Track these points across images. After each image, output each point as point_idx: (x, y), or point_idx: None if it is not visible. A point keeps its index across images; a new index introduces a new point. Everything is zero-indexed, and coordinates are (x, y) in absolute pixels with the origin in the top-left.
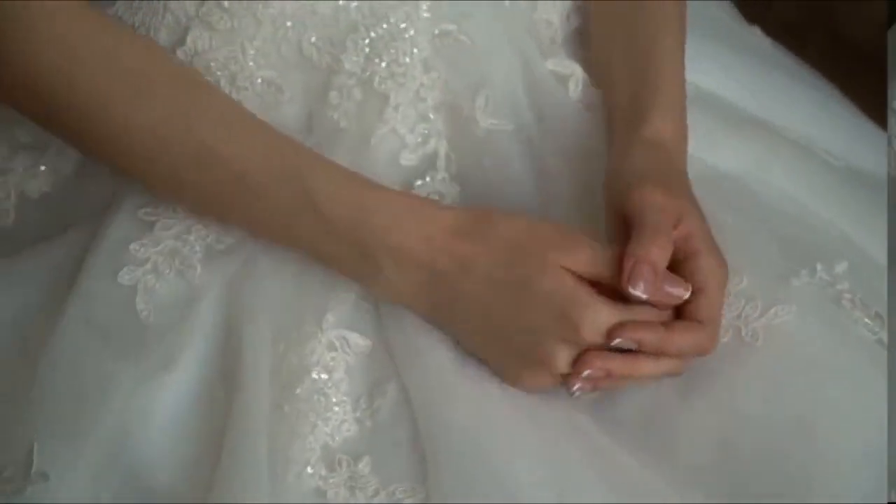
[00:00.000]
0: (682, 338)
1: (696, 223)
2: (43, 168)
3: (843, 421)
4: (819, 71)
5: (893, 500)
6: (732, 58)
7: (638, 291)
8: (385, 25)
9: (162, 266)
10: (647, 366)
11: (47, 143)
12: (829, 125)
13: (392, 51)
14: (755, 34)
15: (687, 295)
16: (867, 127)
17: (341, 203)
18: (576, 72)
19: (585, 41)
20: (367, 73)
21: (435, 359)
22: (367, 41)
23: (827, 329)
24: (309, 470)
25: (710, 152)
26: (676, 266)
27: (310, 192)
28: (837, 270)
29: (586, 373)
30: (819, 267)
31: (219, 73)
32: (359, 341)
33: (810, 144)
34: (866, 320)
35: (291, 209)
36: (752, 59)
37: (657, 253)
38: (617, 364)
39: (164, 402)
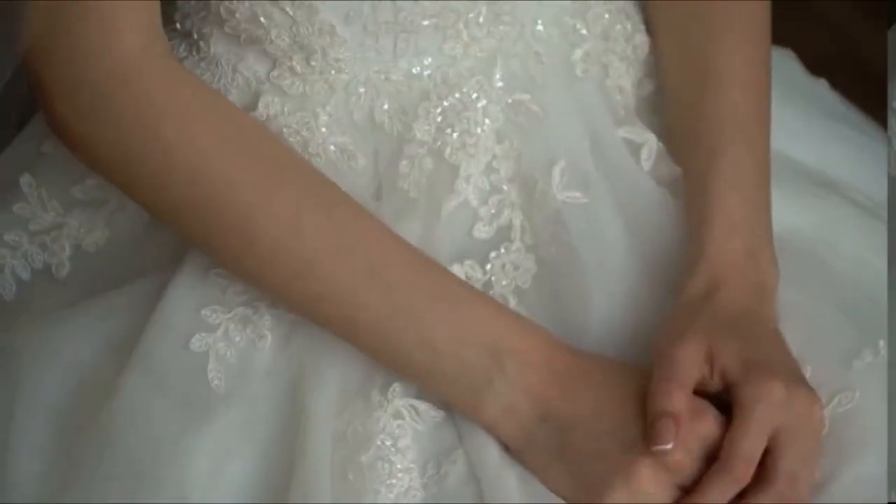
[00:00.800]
0: (706, 492)
1: (732, 357)
2: (102, 223)
3: None
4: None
5: (893, 501)
6: (802, 115)
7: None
8: (457, 95)
9: (233, 333)
10: None
11: (105, 200)
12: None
13: (464, 121)
14: (821, 86)
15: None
16: None
17: (476, 303)
18: (649, 141)
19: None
20: (439, 144)
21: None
22: (439, 110)
23: (890, 409)
24: None
25: (779, 221)
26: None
27: (447, 288)
28: None
29: None
30: (881, 344)
31: (291, 139)
32: (430, 411)
33: (877, 204)
34: None
35: (426, 307)
36: (821, 115)
37: (663, 402)
38: None
39: (230, 469)
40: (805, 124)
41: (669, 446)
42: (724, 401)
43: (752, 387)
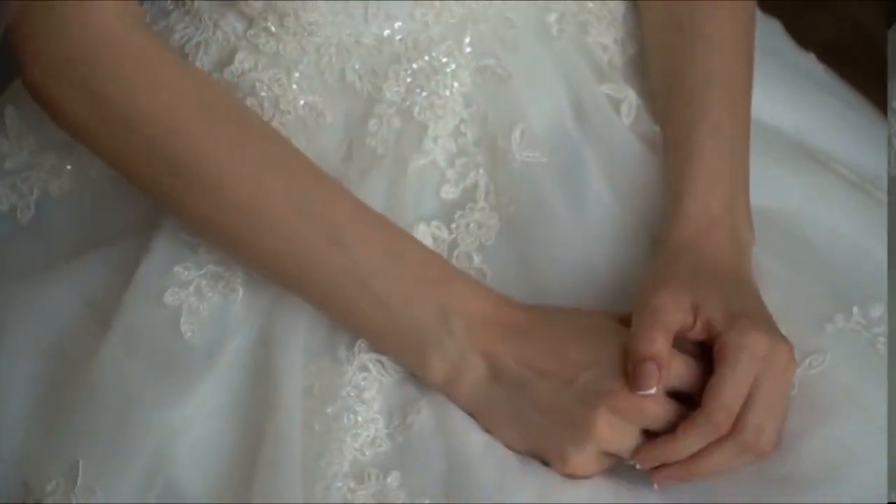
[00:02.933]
0: (687, 439)
1: (716, 307)
2: (69, 167)
3: (871, 467)
4: (861, 92)
5: (893, 501)
6: (789, 87)
7: (647, 390)
8: (427, 58)
9: (205, 289)
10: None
11: (74, 145)
12: (878, 152)
13: (433, 83)
14: (809, 59)
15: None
16: None
17: (429, 264)
18: (628, 96)
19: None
20: (407, 103)
21: None
22: (408, 72)
23: (859, 375)
24: (338, 483)
25: (761, 191)
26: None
27: (401, 249)
28: (874, 314)
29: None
30: (855, 310)
31: (263, 94)
32: (396, 365)
33: (862, 178)
34: None
35: (380, 266)
36: (809, 86)
37: (646, 346)
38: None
39: (201, 419)
40: (790, 94)
41: (653, 391)
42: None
43: (737, 336)
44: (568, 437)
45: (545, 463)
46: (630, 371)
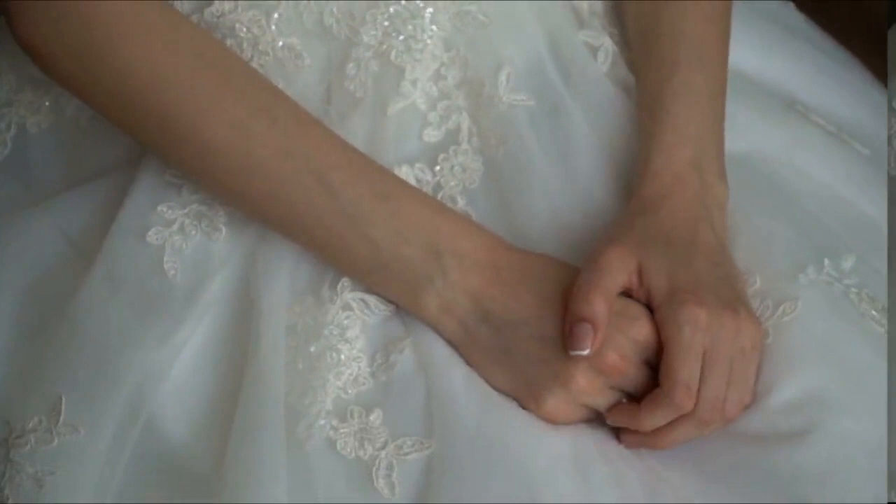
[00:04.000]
0: (651, 415)
1: (660, 275)
2: (47, 104)
3: (845, 415)
4: (843, 44)
5: (893, 501)
6: (767, 35)
7: (580, 351)
8: (403, 2)
9: (189, 228)
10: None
11: (52, 83)
12: (858, 105)
13: (410, 27)
14: (788, 9)
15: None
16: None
17: (418, 202)
18: (605, 43)
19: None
20: (384, 46)
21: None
22: (385, 16)
23: (831, 324)
24: (321, 422)
25: (739, 138)
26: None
27: (389, 188)
28: (845, 266)
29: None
30: (826, 262)
31: (242, 34)
32: (379, 304)
33: (840, 130)
34: (873, 312)
35: (369, 207)
36: (786, 35)
37: (583, 307)
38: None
39: (183, 357)
40: (769, 44)
41: (587, 351)
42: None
43: (675, 311)
44: (548, 383)
45: (523, 406)
46: (566, 330)
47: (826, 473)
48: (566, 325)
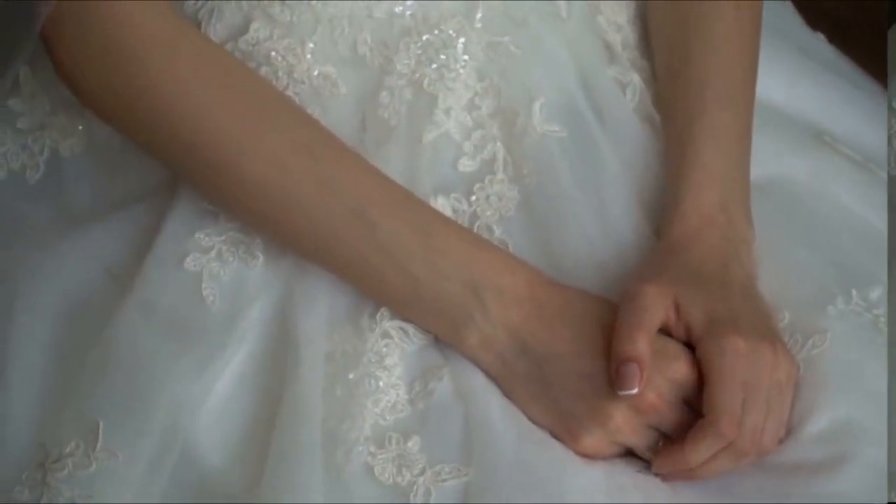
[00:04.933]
0: (696, 449)
1: (697, 309)
2: (80, 128)
3: (877, 444)
4: (869, 72)
5: (893, 501)
6: (795, 66)
7: (629, 391)
8: (437, 31)
9: (226, 254)
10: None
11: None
12: (884, 132)
13: (443, 56)
14: (819, 41)
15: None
16: None
17: (456, 236)
18: (633, 80)
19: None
20: (417, 75)
21: None
22: (419, 45)
23: (860, 354)
24: (359, 448)
25: (766, 168)
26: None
27: (428, 223)
28: (873, 296)
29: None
30: (854, 293)
31: (277, 63)
32: (418, 333)
33: (867, 158)
34: None
35: (408, 242)
36: (814, 66)
37: (628, 348)
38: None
39: (221, 384)
40: (797, 75)
41: (635, 391)
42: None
43: (716, 341)
44: (585, 420)
45: (559, 438)
46: (612, 372)
47: (860, 502)
48: (612, 366)
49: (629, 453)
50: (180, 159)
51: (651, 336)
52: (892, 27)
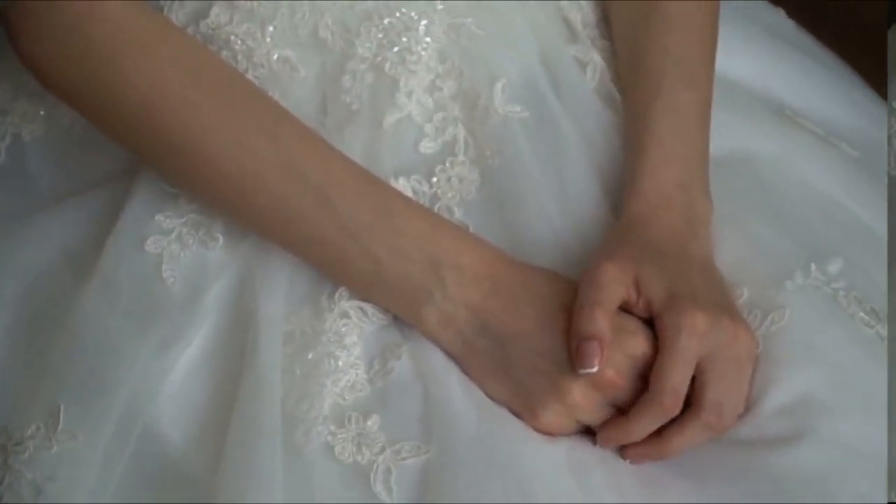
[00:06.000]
0: (639, 422)
1: (657, 285)
2: (42, 113)
3: (837, 418)
4: (834, 51)
5: (893, 500)
6: (757, 43)
7: (589, 369)
8: (398, 14)
9: (186, 237)
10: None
11: (47, 92)
12: (848, 110)
13: (404, 39)
14: (779, 16)
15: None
16: (884, 112)
17: (418, 217)
18: (593, 59)
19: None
20: (379, 59)
21: None
22: (380, 28)
23: (819, 328)
24: (319, 427)
25: (728, 143)
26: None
27: (389, 204)
28: (832, 269)
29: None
30: (813, 267)
31: (237, 47)
32: (377, 313)
33: (829, 133)
34: (862, 314)
35: (369, 222)
36: (775, 41)
37: (588, 325)
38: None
39: (181, 365)
40: (758, 50)
41: (595, 369)
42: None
43: (674, 317)
44: (544, 397)
45: (518, 415)
46: (572, 349)
47: (820, 475)
48: (572, 344)
49: (588, 430)
50: (146, 144)
51: (611, 314)
52: (892, 27)
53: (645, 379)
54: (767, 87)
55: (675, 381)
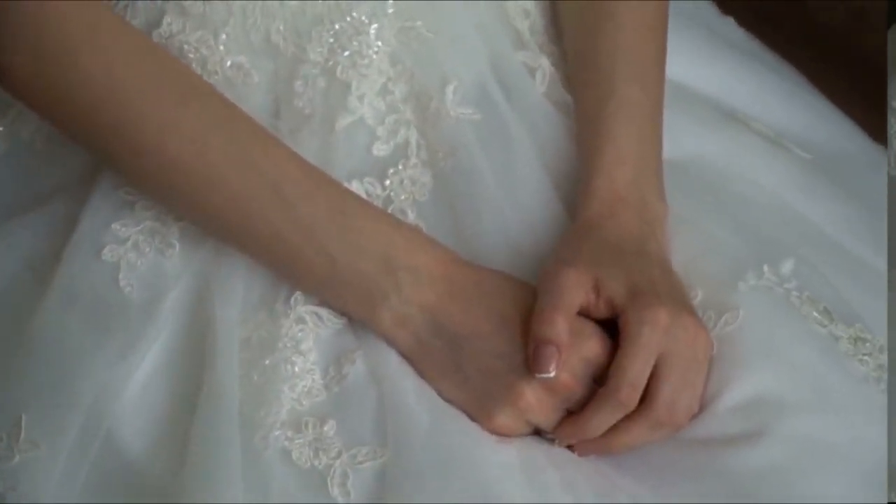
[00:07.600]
0: (595, 416)
1: (618, 284)
2: (1, 128)
3: (793, 416)
4: (790, 57)
5: (894, 501)
6: (707, 49)
7: (546, 374)
8: (348, 19)
9: (143, 245)
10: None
11: (7, 107)
12: (799, 115)
13: (355, 43)
14: (729, 24)
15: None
16: (835, 116)
17: (372, 217)
18: (542, 64)
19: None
20: (331, 63)
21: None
22: (331, 33)
23: (773, 328)
24: (276, 432)
25: (681, 147)
26: None
27: (344, 204)
28: (784, 270)
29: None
30: (765, 268)
31: (191, 55)
32: (332, 317)
33: (780, 136)
34: (815, 314)
35: (325, 221)
36: (726, 50)
37: (546, 329)
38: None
39: (140, 372)
40: (708, 56)
41: (552, 374)
42: (611, 326)
43: (637, 312)
44: (497, 399)
45: (472, 417)
46: (529, 353)
47: (777, 472)
48: (530, 347)
49: (539, 431)
50: (104, 143)
51: (570, 318)
52: (892, 27)
53: (598, 382)
54: (718, 92)
55: (633, 374)
